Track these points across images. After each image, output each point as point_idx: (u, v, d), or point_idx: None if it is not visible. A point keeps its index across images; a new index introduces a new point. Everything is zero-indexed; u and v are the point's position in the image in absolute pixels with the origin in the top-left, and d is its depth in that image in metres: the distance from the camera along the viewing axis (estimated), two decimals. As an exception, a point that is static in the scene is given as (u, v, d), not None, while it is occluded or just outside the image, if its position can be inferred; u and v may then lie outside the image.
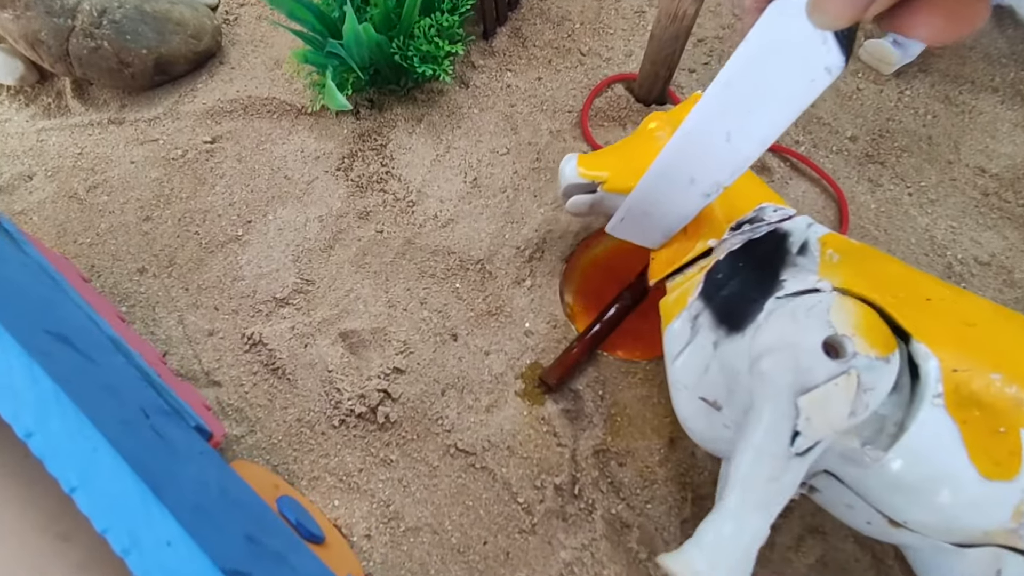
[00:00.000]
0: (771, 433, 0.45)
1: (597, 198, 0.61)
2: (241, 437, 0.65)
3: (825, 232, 0.53)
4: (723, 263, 0.53)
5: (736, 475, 0.45)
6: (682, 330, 0.54)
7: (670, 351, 0.55)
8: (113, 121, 0.81)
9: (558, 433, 0.64)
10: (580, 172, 0.60)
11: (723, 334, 0.51)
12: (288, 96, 0.81)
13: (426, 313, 0.69)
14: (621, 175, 0.59)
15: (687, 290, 0.54)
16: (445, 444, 0.64)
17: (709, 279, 0.53)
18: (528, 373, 0.67)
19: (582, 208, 0.62)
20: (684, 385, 0.54)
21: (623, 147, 0.61)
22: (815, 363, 0.43)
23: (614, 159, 0.60)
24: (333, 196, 0.75)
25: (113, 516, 0.28)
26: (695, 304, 0.53)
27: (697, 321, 0.53)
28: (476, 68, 0.81)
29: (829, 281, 0.47)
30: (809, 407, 0.43)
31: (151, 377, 0.49)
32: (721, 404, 0.52)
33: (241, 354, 0.68)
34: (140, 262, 0.73)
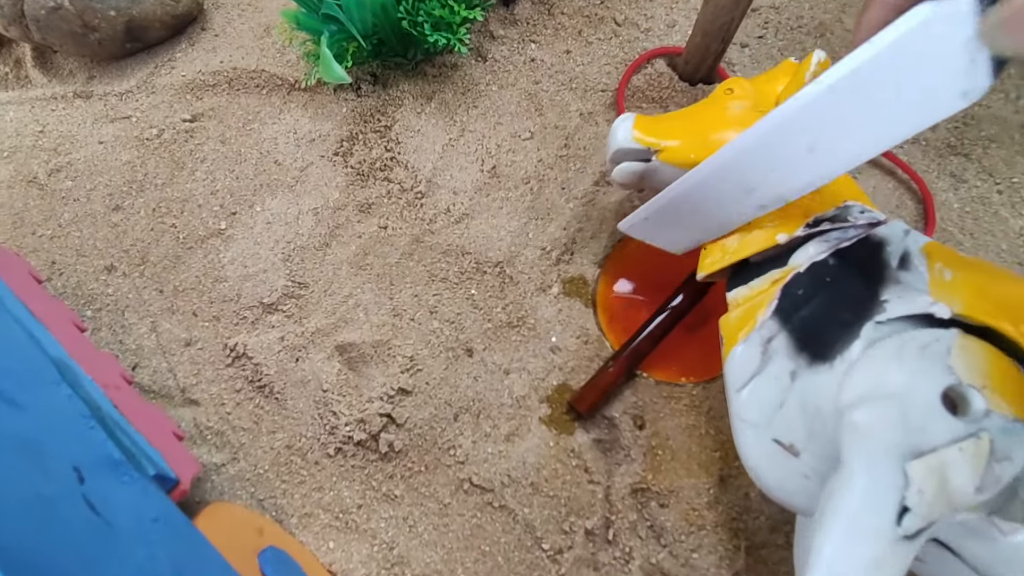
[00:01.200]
0: (869, 505, 0.35)
1: (651, 168, 0.51)
2: (221, 466, 0.56)
3: (926, 241, 0.43)
4: (804, 276, 0.43)
5: (820, 556, 0.36)
6: (750, 355, 0.44)
7: (734, 380, 0.45)
8: (79, 95, 0.71)
9: (590, 468, 0.55)
10: (635, 136, 0.51)
11: (804, 364, 0.42)
12: (280, 68, 0.70)
13: (436, 324, 0.60)
14: (685, 146, 0.49)
15: (756, 306, 0.45)
16: (458, 478, 0.55)
17: (786, 294, 0.43)
18: (555, 396, 0.57)
19: (630, 178, 0.53)
20: (752, 423, 0.44)
21: (690, 114, 0.52)
22: (931, 420, 0.34)
23: (678, 126, 0.51)
24: (330, 185, 0.65)
25: None
26: (768, 324, 0.44)
27: (770, 346, 0.44)
28: (495, 39, 0.70)
29: (946, 304, 0.38)
30: (922, 477, 0.34)
31: (102, 411, 0.40)
32: (799, 449, 0.42)
33: (222, 368, 0.59)
34: (108, 258, 0.64)
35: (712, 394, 0.57)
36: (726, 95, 0.50)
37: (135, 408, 0.47)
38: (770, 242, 0.45)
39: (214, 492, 0.55)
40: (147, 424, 0.47)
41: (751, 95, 0.49)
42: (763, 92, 0.49)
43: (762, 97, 0.49)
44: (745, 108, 0.49)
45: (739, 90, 0.50)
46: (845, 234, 0.44)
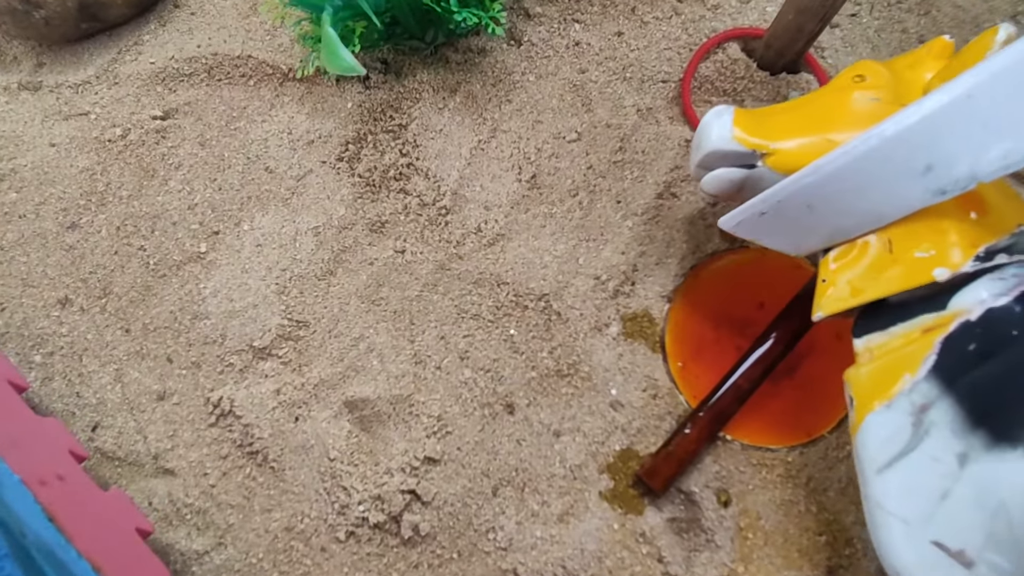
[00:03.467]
0: None
1: (755, 176, 0.40)
2: (204, 553, 0.45)
3: None
4: (976, 327, 0.33)
5: None
6: (896, 426, 0.34)
7: (872, 457, 0.35)
8: (25, 86, 0.59)
9: (664, 557, 0.44)
10: (737, 135, 0.39)
11: (980, 445, 0.32)
12: (269, 54, 0.58)
13: (468, 373, 0.48)
14: (802, 148, 0.38)
15: (902, 361, 0.34)
16: (499, 568, 0.44)
17: (950, 349, 0.33)
18: (618, 465, 0.47)
19: (727, 188, 0.41)
20: (901, 517, 0.34)
21: (806, 106, 0.40)
22: None
23: (791, 122, 0.40)
24: (334, 198, 0.54)
25: None
26: (922, 387, 0.33)
27: (926, 416, 0.33)
28: (531, 18, 0.58)
29: None
30: None
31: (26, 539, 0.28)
32: (972, 558, 0.32)
33: (204, 429, 0.48)
34: (62, 289, 0.52)
35: (811, 461, 0.46)
36: (854, 83, 0.39)
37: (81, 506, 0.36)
38: (924, 278, 0.34)
39: (195, 589, 0.44)
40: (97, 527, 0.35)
41: (887, 84, 0.38)
42: (904, 80, 0.38)
43: (903, 87, 0.38)
44: (879, 102, 0.37)
45: (872, 77, 0.38)
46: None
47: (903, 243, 0.35)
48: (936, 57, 0.38)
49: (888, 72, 0.38)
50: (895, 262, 0.35)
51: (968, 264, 0.33)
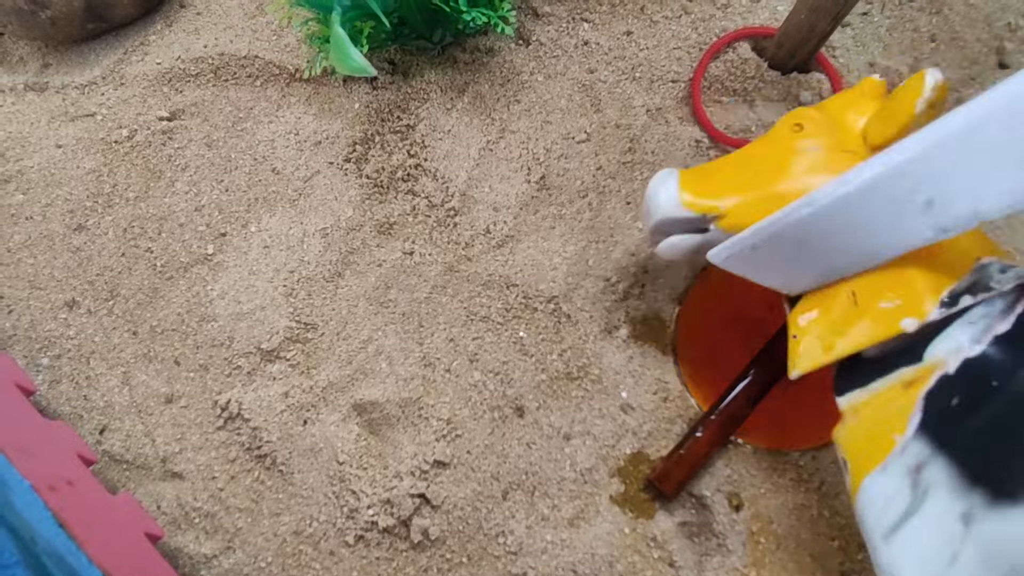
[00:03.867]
0: None
1: (708, 239, 0.39)
2: (212, 558, 0.45)
3: None
4: (956, 379, 0.32)
5: None
6: (893, 489, 0.33)
7: (875, 522, 0.34)
8: (32, 87, 0.58)
9: (676, 561, 0.44)
10: (685, 200, 0.39)
11: (981, 503, 0.31)
12: (276, 54, 0.58)
13: (478, 376, 0.48)
14: (751, 205, 0.37)
15: (888, 420, 0.34)
16: (510, 573, 0.44)
17: (933, 405, 0.32)
18: (629, 469, 0.46)
19: (679, 253, 0.41)
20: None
21: (749, 159, 0.40)
22: None
23: (737, 179, 0.39)
24: (341, 200, 0.53)
25: None
26: (913, 447, 0.33)
27: (922, 476, 0.32)
28: (539, 17, 0.58)
29: None
30: None
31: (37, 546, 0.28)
32: None
33: (212, 432, 0.48)
34: (69, 292, 0.52)
35: (824, 465, 0.46)
36: (794, 132, 0.38)
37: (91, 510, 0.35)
38: (892, 330, 0.33)
39: (204, 592, 0.44)
40: (108, 532, 0.35)
41: (826, 130, 0.37)
42: (840, 124, 0.37)
43: (841, 131, 0.37)
44: (821, 149, 0.37)
45: (810, 125, 0.38)
46: (993, 308, 0.32)
47: (867, 294, 0.35)
48: (869, 98, 0.37)
49: (824, 117, 0.38)
50: (861, 315, 0.34)
51: (935, 312, 0.32)
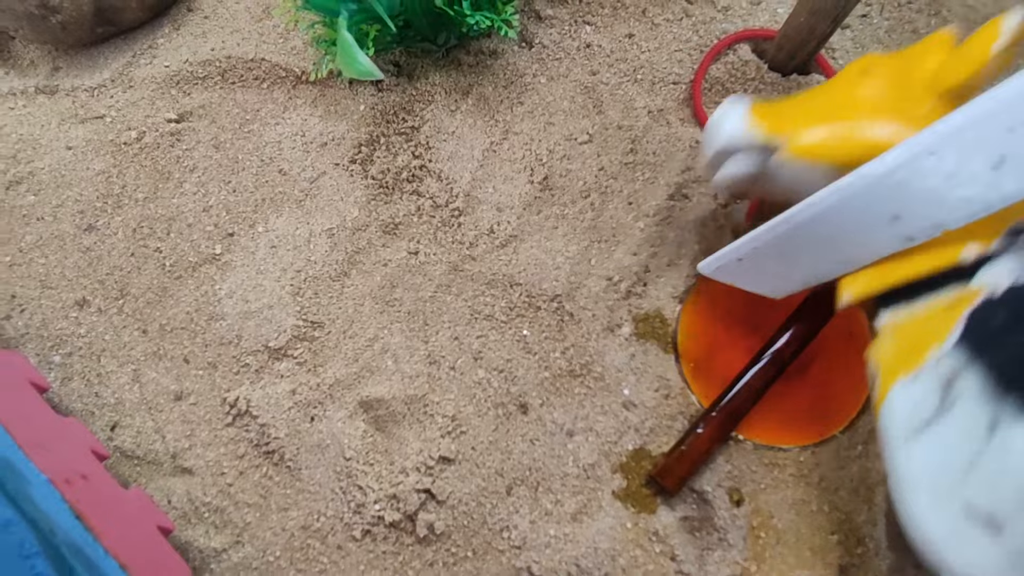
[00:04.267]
0: None
1: (771, 167, 0.40)
2: (222, 551, 0.46)
3: None
4: (1000, 306, 0.33)
5: None
6: (922, 396, 0.34)
7: (899, 428, 0.35)
8: (42, 90, 0.59)
9: (677, 555, 0.44)
10: (752, 123, 0.40)
11: (1010, 411, 0.31)
12: (282, 57, 0.59)
13: (482, 373, 0.49)
14: (825, 135, 0.38)
15: (928, 335, 0.35)
16: (514, 567, 0.45)
17: (978, 323, 0.33)
18: (631, 465, 0.47)
19: (741, 180, 0.42)
20: (928, 487, 0.34)
21: (816, 98, 0.41)
22: None
23: (807, 112, 0.40)
24: (347, 200, 0.54)
25: None
26: (949, 359, 0.33)
27: (954, 386, 0.33)
28: (542, 20, 0.58)
29: None
30: None
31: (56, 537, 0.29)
32: (1004, 521, 0.32)
33: (221, 428, 0.49)
34: (80, 291, 0.53)
35: (823, 460, 0.46)
36: (860, 76, 0.39)
37: (106, 504, 0.36)
38: (952, 259, 0.35)
39: (214, 586, 0.45)
40: (122, 525, 0.36)
41: (895, 74, 0.38)
42: (908, 73, 0.38)
43: (909, 77, 0.38)
44: (887, 92, 0.38)
45: (879, 69, 0.38)
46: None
47: None
48: (937, 49, 0.38)
49: (898, 64, 0.39)
50: (924, 247, 0.35)
51: (997, 241, 0.33)
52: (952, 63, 0.35)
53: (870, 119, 0.36)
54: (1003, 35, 0.34)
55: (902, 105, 0.36)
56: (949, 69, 0.35)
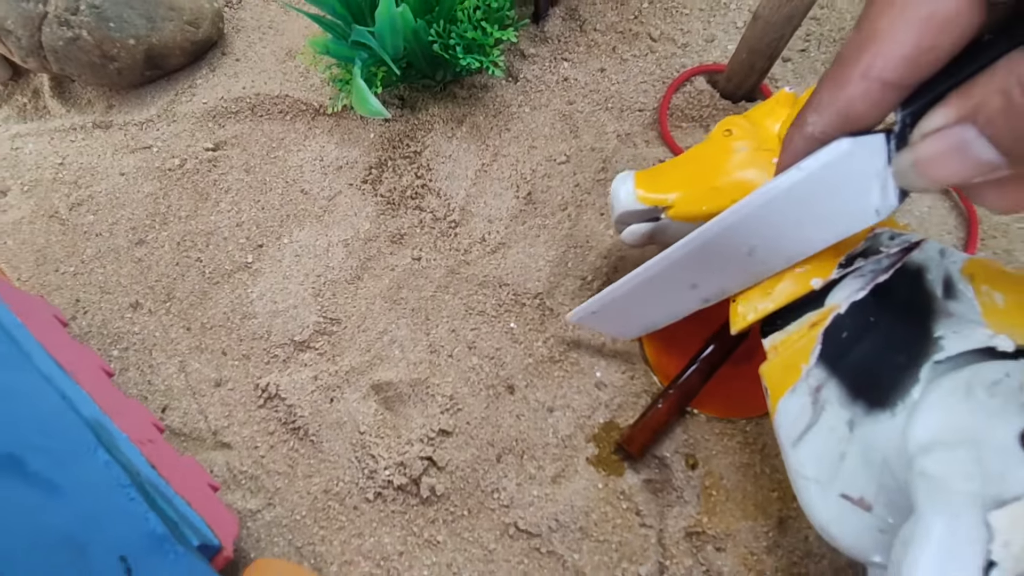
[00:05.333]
0: (950, 561, 0.33)
1: (660, 227, 0.49)
2: (257, 512, 0.54)
3: (964, 259, 0.41)
4: (845, 317, 0.41)
5: None
6: (800, 407, 0.42)
7: (787, 433, 0.43)
8: (99, 125, 0.69)
9: (641, 511, 0.52)
10: (639, 196, 0.48)
11: (861, 412, 0.39)
12: (303, 93, 0.68)
13: (475, 360, 0.57)
14: (692, 198, 0.47)
15: (798, 353, 0.42)
16: (503, 523, 0.53)
17: (829, 339, 0.41)
18: (602, 435, 0.55)
19: (640, 239, 0.51)
20: (813, 479, 0.42)
21: (690, 162, 0.49)
22: (1012, 466, 0.31)
23: (681, 177, 0.48)
24: (360, 215, 0.63)
25: None
26: (814, 373, 0.41)
27: (820, 395, 0.41)
28: (526, 58, 0.68)
29: (1007, 335, 0.35)
30: (1008, 528, 0.31)
31: (141, 476, 0.38)
32: (871, 502, 0.40)
33: (254, 409, 0.57)
34: (133, 295, 0.62)
35: (766, 430, 0.54)
36: (725, 137, 0.47)
37: (169, 462, 0.45)
38: (804, 288, 0.43)
39: (250, 540, 0.53)
40: (182, 479, 0.45)
41: (751, 133, 0.46)
42: (763, 128, 0.46)
43: (762, 133, 0.46)
44: (748, 148, 0.46)
45: (738, 130, 0.47)
46: (879, 265, 0.41)
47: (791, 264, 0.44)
48: (783, 106, 0.47)
49: (749, 123, 0.47)
50: (782, 278, 0.43)
51: (834, 272, 0.41)
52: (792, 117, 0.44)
53: (737, 172, 0.45)
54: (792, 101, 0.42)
55: (758, 156, 0.45)
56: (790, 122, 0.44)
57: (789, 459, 0.43)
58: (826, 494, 0.41)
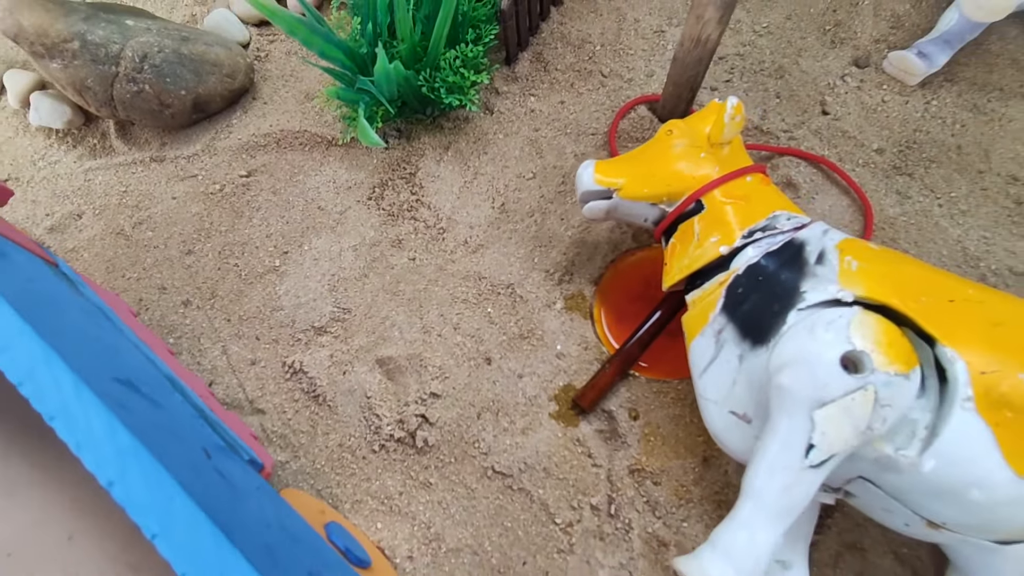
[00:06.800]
0: (786, 445, 0.46)
1: (613, 204, 0.62)
2: (286, 463, 0.67)
3: (842, 238, 0.53)
4: (743, 277, 0.54)
5: (750, 485, 0.47)
6: (707, 345, 0.55)
7: (696, 366, 0.56)
8: (155, 159, 0.85)
9: (593, 454, 0.65)
10: (597, 179, 0.62)
11: (747, 348, 0.52)
12: (318, 128, 0.83)
13: (460, 338, 0.71)
14: (636, 182, 0.60)
15: (708, 305, 0.55)
16: (482, 467, 0.66)
17: (730, 293, 0.54)
18: (561, 395, 0.68)
19: (598, 214, 0.64)
20: (713, 400, 0.54)
21: (639, 154, 0.63)
22: (832, 378, 0.44)
23: (630, 166, 0.62)
24: (366, 225, 0.77)
25: (191, 562, 0.30)
26: (718, 319, 0.54)
27: (721, 336, 0.54)
28: (500, 94, 0.83)
29: (850, 291, 0.48)
30: (824, 421, 0.44)
31: (205, 413, 0.51)
32: (751, 417, 0.53)
33: (283, 382, 0.71)
34: (184, 295, 0.76)
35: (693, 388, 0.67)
36: (667, 136, 0.61)
37: (220, 412, 0.59)
38: (715, 255, 0.56)
39: (280, 485, 0.66)
40: (231, 425, 0.58)
41: (687, 134, 0.60)
42: (696, 130, 0.60)
43: (695, 134, 0.60)
44: (684, 145, 0.60)
45: (677, 131, 0.60)
46: (774, 239, 0.54)
47: (703, 235, 0.57)
48: (712, 113, 0.60)
49: (687, 126, 0.60)
50: (700, 246, 0.57)
51: (738, 241, 0.55)
52: (714, 128, 0.57)
53: (669, 164, 0.58)
54: (727, 112, 0.56)
55: (691, 151, 0.58)
56: (713, 131, 0.57)
57: (696, 385, 0.56)
58: (721, 411, 0.54)
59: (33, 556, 0.46)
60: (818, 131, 0.77)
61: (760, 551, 0.45)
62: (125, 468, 0.32)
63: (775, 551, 0.46)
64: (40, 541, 0.46)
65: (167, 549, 0.30)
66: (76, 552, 0.46)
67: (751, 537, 0.45)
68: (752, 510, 0.46)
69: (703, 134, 0.58)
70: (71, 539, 0.46)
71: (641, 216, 0.62)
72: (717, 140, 0.57)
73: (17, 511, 0.47)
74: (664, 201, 0.60)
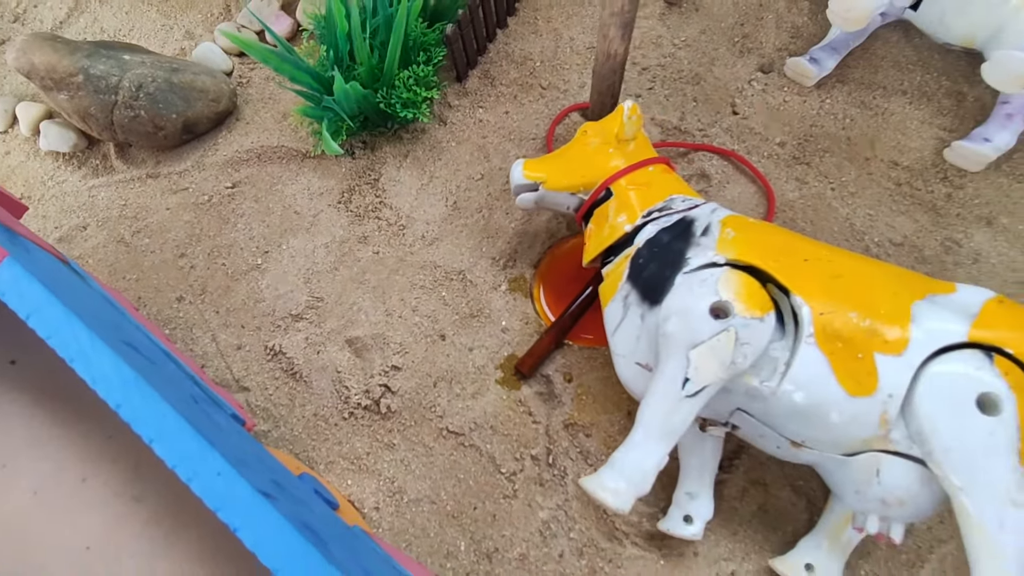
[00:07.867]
0: (669, 381, 0.56)
1: (540, 195, 0.73)
2: (268, 432, 0.77)
3: (727, 215, 0.64)
4: (643, 249, 0.64)
5: (641, 416, 0.57)
6: (616, 309, 0.65)
7: (609, 327, 0.66)
8: (150, 175, 0.96)
9: (533, 413, 0.75)
10: (525, 174, 0.73)
11: (647, 308, 0.62)
12: (294, 143, 0.94)
13: (418, 319, 0.81)
14: (557, 175, 0.71)
15: (617, 275, 0.66)
16: (438, 428, 0.76)
17: (633, 264, 0.64)
18: (506, 364, 0.78)
19: (529, 204, 0.74)
20: (622, 355, 0.65)
21: (561, 153, 0.73)
22: (703, 324, 0.55)
23: (552, 162, 0.73)
24: (336, 225, 0.88)
25: (180, 458, 0.40)
26: (624, 286, 0.64)
27: (627, 300, 0.64)
28: (452, 107, 0.94)
29: (724, 255, 0.59)
30: (697, 358, 0.55)
31: (196, 379, 0.62)
32: (652, 366, 0.63)
33: (265, 363, 0.81)
34: (178, 292, 0.87)
35: (621, 354, 0.77)
36: (583, 135, 0.72)
37: (210, 384, 0.69)
38: (622, 232, 0.66)
39: (264, 451, 0.76)
40: (218, 392, 0.68)
41: (600, 134, 0.71)
42: (606, 130, 0.71)
43: (606, 133, 0.71)
44: (596, 143, 0.71)
45: (591, 131, 0.72)
46: (669, 218, 0.65)
47: (614, 217, 0.67)
48: (619, 114, 0.71)
49: (600, 127, 0.71)
50: (611, 226, 0.67)
51: (639, 220, 0.65)
52: (619, 128, 0.68)
53: (583, 159, 0.69)
54: (625, 113, 0.67)
55: (602, 148, 0.69)
56: (619, 128, 0.68)
57: (610, 343, 0.66)
58: (628, 363, 0.64)
59: (55, 496, 0.56)
60: (729, 129, 0.88)
61: (647, 467, 0.55)
62: (129, 394, 0.42)
63: (660, 465, 0.56)
64: (61, 483, 0.56)
65: (161, 450, 0.40)
66: (89, 491, 0.56)
67: (640, 456, 0.56)
68: (642, 435, 0.56)
69: (612, 133, 0.69)
70: (84, 481, 0.56)
71: (564, 204, 0.73)
72: (622, 137, 0.68)
73: (42, 460, 0.57)
74: (581, 191, 0.71)
